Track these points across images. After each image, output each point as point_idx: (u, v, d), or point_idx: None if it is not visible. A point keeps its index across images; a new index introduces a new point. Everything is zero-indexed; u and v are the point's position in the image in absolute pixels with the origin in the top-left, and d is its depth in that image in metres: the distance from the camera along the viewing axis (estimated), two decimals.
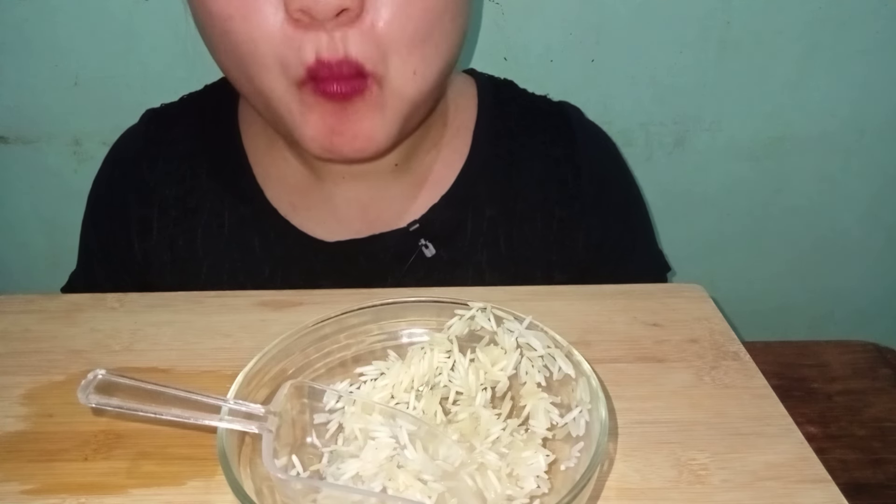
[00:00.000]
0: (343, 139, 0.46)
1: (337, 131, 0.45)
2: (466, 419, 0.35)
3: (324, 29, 0.42)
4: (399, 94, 0.46)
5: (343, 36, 0.42)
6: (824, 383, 0.60)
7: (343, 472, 0.33)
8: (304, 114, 0.45)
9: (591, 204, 0.60)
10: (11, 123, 0.85)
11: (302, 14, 0.41)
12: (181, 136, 0.60)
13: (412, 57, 0.45)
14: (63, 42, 0.79)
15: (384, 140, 0.47)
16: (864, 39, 0.81)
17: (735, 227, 0.95)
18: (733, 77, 0.83)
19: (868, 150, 0.89)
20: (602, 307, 0.48)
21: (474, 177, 0.58)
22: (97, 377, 0.30)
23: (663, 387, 0.41)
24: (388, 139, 0.47)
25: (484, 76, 0.63)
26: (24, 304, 0.49)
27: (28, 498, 0.35)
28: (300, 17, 0.41)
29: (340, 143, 0.46)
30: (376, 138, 0.46)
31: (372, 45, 0.43)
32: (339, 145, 0.46)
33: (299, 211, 0.57)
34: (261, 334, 0.45)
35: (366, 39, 0.43)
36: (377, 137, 0.46)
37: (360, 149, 0.46)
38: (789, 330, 1.02)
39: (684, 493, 0.35)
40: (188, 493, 0.35)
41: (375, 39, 0.43)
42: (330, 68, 0.43)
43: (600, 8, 0.79)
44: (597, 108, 0.79)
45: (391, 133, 0.47)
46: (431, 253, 0.57)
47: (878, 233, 0.96)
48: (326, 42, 0.42)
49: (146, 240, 0.58)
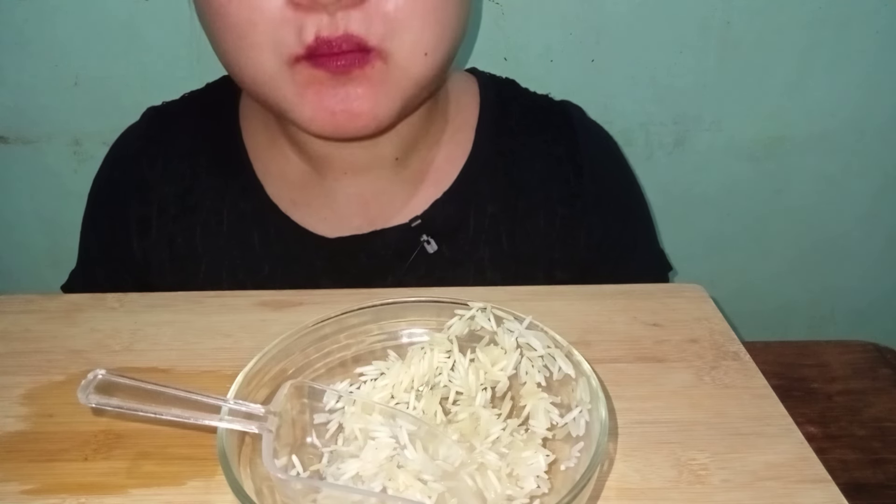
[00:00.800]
0: (343, 117, 0.45)
1: (336, 110, 0.44)
2: (466, 419, 0.35)
3: (326, 11, 0.41)
4: (406, 72, 0.45)
5: (345, 15, 0.42)
6: (824, 383, 0.60)
7: (343, 472, 0.33)
8: (299, 93, 0.44)
9: (593, 203, 0.60)
10: (11, 123, 0.85)
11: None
12: (181, 134, 0.60)
13: (423, 35, 0.44)
14: (63, 42, 0.79)
15: (386, 117, 0.46)
16: (864, 39, 0.81)
17: (735, 227, 0.95)
18: (733, 77, 0.83)
19: (868, 150, 0.89)
20: (602, 307, 0.48)
21: (476, 174, 0.58)
22: (97, 377, 0.30)
23: (663, 387, 0.41)
24: (389, 117, 0.46)
25: (486, 75, 0.64)
26: (24, 304, 0.49)
27: (28, 498, 0.35)
28: (301, 0, 0.41)
29: (341, 121, 0.45)
30: (378, 115, 0.45)
31: (377, 22, 0.42)
32: (340, 122, 0.45)
33: (300, 207, 0.57)
34: (261, 334, 0.45)
35: (370, 18, 0.42)
36: (378, 114, 0.45)
37: (362, 126, 0.46)
38: (789, 330, 1.02)
39: (684, 493, 0.35)
40: (188, 493, 0.35)
41: (382, 18, 0.42)
42: (329, 45, 0.42)
43: (600, 8, 0.79)
44: (597, 108, 0.79)
45: (393, 111, 0.46)
46: (433, 249, 0.57)
47: (878, 233, 0.96)
48: (327, 21, 0.42)
49: (146, 238, 0.58)
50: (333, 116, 0.45)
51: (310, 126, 0.46)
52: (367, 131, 0.46)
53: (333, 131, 0.46)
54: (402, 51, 0.44)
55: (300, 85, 0.44)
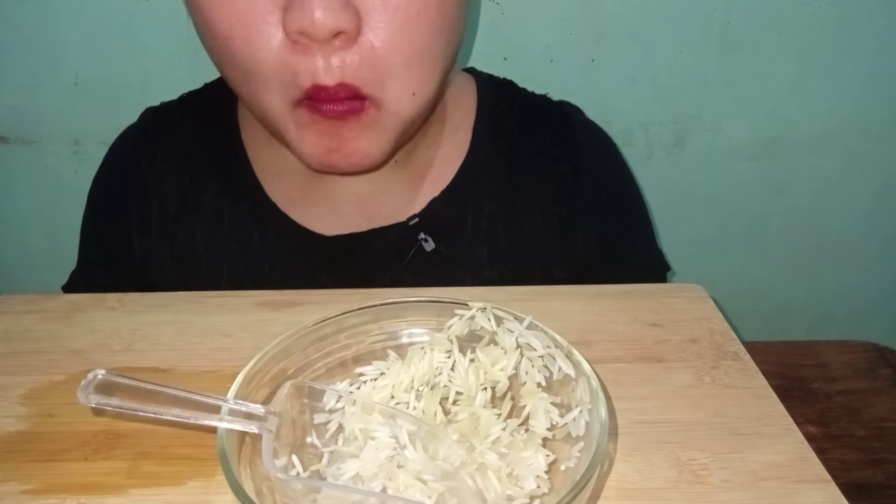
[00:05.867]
0: (339, 156, 0.47)
1: (333, 149, 0.47)
2: (466, 419, 0.35)
3: (321, 52, 0.42)
4: (398, 115, 0.47)
5: (340, 60, 0.43)
6: (824, 383, 0.60)
7: (343, 472, 0.33)
8: (301, 132, 0.47)
9: (591, 202, 0.60)
10: (12, 123, 0.85)
11: (300, 36, 0.41)
12: (180, 134, 0.60)
13: (411, 78, 0.46)
14: (63, 42, 0.79)
15: (379, 156, 0.49)
16: (864, 39, 0.81)
17: (735, 227, 0.95)
18: (733, 77, 0.83)
19: (868, 150, 0.89)
20: (602, 307, 0.48)
21: (474, 173, 0.58)
22: (97, 377, 0.30)
23: (663, 387, 0.41)
24: (383, 155, 0.49)
25: (484, 75, 0.64)
26: (24, 304, 0.49)
27: (28, 498, 0.35)
28: (298, 39, 0.42)
29: (337, 160, 0.47)
30: (372, 155, 0.48)
31: (370, 68, 0.44)
32: (336, 161, 0.48)
33: (298, 206, 0.57)
34: (261, 334, 0.45)
35: (363, 63, 0.43)
36: (373, 154, 0.48)
37: (356, 164, 0.48)
38: (789, 330, 1.02)
39: (684, 493, 0.35)
40: (188, 493, 0.35)
41: (373, 62, 0.44)
42: (327, 91, 0.44)
43: (600, 8, 0.79)
44: (597, 107, 0.79)
45: (386, 149, 0.49)
46: (431, 247, 0.57)
47: (878, 233, 0.96)
48: (323, 66, 0.43)
49: (146, 237, 0.59)
50: (329, 155, 0.47)
51: (308, 161, 0.48)
52: (362, 168, 0.49)
53: (330, 167, 0.48)
54: (392, 95, 0.46)
55: (302, 126, 0.46)
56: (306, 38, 0.41)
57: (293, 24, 0.41)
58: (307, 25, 0.40)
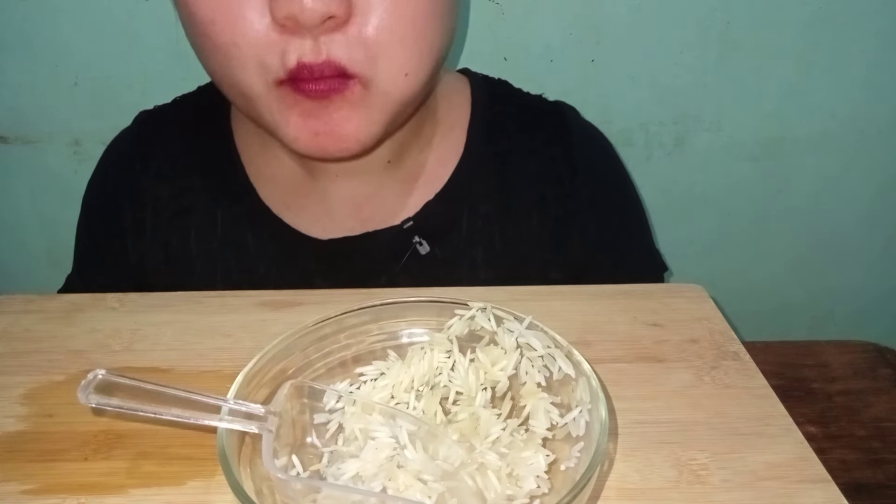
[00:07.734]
0: (327, 139, 0.46)
1: (321, 132, 0.45)
2: (466, 419, 0.35)
3: (310, 35, 0.42)
4: (387, 95, 0.46)
5: (328, 40, 0.42)
6: (824, 383, 0.60)
7: (343, 472, 0.33)
8: (284, 113, 0.45)
9: (587, 203, 0.60)
10: (11, 123, 0.85)
11: (288, 20, 0.41)
12: (173, 137, 0.60)
13: (403, 58, 0.45)
14: (63, 42, 0.79)
15: (368, 139, 0.47)
16: (864, 39, 0.81)
17: (735, 227, 0.95)
18: (733, 77, 0.83)
19: (868, 150, 0.89)
20: (602, 307, 0.48)
21: (469, 174, 0.58)
22: (97, 377, 0.30)
23: (663, 387, 0.41)
24: (372, 138, 0.47)
25: (478, 75, 0.63)
26: (24, 304, 0.49)
27: (28, 498, 0.35)
28: (286, 23, 0.41)
29: (325, 143, 0.46)
30: (360, 138, 0.46)
31: (360, 48, 0.43)
32: (324, 144, 0.46)
33: (292, 209, 0.57)
34: (261, 334, 0.45)
35: (351, 44, 0.43)
36: (361, 137, 0.46)
37: (345, 148, 0.47)
38: (789, 330, 1.02)
39: (684, 493, 0.35)
40: (188, 493, 0.35)
41: (363, 43, 0.43)
42: (311, 70, 0.43)
43: (600, 8, 0.79)
44: (596, 108, 0.79)
45: (376, 132, 0.47)
46: (426, 250, 0.57)
47: (878, 233, 0.96)
48: (310, 46, 0.42)
49: (140, 241, 0.59)
50: (317, 138, 0.46)
51: (294, 145, 0.47)
52: (351, 153, 0.47)
53: (317, 152, 0.47)
54: (382, 74, 0.44)
55: (285, 107, 0.45)
56: (295, 22, 0.41)
57: (281, 10, 0.40)
58: (296, 11, 0.40)
